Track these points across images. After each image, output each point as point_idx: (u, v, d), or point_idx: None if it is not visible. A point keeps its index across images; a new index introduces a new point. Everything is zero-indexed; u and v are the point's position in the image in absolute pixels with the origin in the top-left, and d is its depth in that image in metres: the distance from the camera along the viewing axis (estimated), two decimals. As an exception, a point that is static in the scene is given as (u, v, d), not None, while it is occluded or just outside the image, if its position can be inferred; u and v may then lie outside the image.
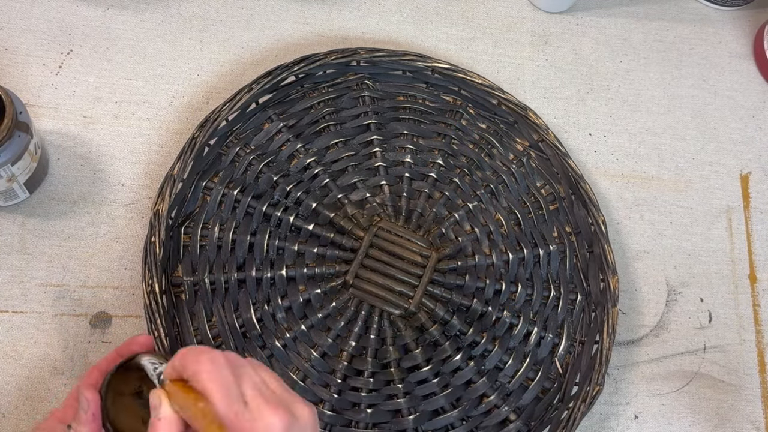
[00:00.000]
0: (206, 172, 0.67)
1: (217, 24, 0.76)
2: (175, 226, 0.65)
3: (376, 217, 0.68)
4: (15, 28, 0.72)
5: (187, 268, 0.64)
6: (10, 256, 0.65)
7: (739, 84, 0.81)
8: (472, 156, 0.72)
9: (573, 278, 0.69)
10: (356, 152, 0.71)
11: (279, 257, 0.66)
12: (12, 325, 0.63)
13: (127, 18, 0.74)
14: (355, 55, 0.71)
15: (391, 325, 0.66)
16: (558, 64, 0.79)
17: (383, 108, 0.73)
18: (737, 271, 0.73)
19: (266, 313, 0.64)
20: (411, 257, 0.67)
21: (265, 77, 0.69)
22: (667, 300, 0.71)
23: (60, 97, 0.70)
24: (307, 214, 0.67)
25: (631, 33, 0.82)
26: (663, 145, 0.77)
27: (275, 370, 0.63)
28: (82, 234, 0.66)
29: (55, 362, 0.62)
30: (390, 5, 0.79)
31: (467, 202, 0.70)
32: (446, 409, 0.64)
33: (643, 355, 0.69)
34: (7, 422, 0.60)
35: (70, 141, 0.69)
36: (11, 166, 0.60)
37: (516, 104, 0.72)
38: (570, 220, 0.71)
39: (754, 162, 0.78)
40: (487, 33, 0.80)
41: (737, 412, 0.68)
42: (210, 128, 0.66)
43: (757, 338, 0.71)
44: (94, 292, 0.64)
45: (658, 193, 0.75)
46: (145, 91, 0.72)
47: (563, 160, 0.71)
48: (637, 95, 0.79)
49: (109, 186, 0.68)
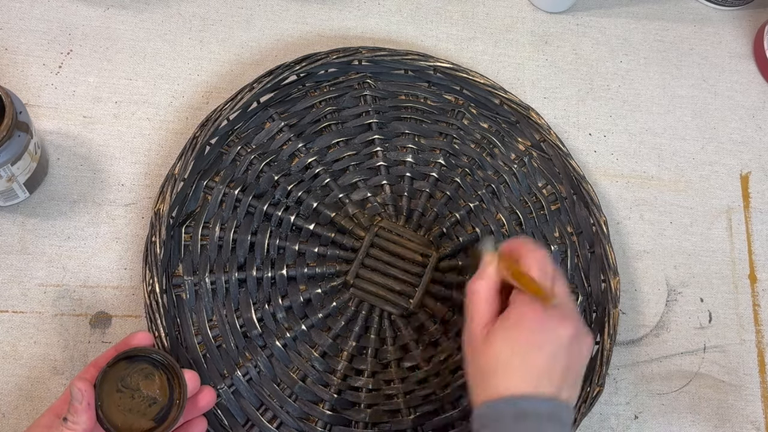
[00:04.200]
0: (207, 171, 0.67)
1: (217, 24, 0.76)
2: (176, 225, 0.65)
3: (377, 217, 0.68)
4: (15, 28, 0.72)
5: (187, 268, 0.64)
6: (10, 256, 0.64)
7: (739, 84, 0.81)
8: (473, 156, 0.72)
9: (574, 278, 0.69)
10: (357, 152, 0.71)
11: (280, 257, 0.66)
12: (12, 325, 0.63)
13: (127, 18, 0.74)
14: (356, 54, 0.71)
15: (391, 325, 0.66)
16: (558, 64, 0.79)
17: (385, 107, 0.73)
18: (737, 271, 0.73)
19: (267, 312, 0.64)
20: (412, 257, 0.67)
21: (267, 76, 0.69)
22: (667, 300, 0.71)
23: (60, 97, 0.70)
24: (308, 214, 0.67)
25: (631, 33, 0.82)
26: (663, 145, 0.77)
27: (275, 369, 0.63)
28: (82, 234, 0.66)
29: (55, 362, 0.62)
30: (390, 5, 0.79)
31: (468, 202, 0.70)
32: (446, 409, 0.64)
33: (643, 355, 0.69)
34: (7, 422, 0.60)
35: (70, 141, 0.69)
36: (11, 166, 0.60)
37: (518, 104, 0.72)
38: (571, 220, 0.71)
39: (754, 162, 0.78)
40: (487, 33, 0.80)
41: (737, 412, 0.68)
42: (211, 127, 0.66)
43: (757, 338, 0.71)
44: (94, 292, 0.64)
45: (658, 193, 0.75)
46: (145, 91, 0.72)
47: (565, 160, 0.71)
48: (637, 95, 0.79)
49: (109, 186, 0.68)
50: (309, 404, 0.62)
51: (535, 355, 0.50)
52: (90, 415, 0.51)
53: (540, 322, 0.51)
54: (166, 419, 0.53)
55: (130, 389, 0.54)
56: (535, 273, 0.53)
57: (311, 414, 0.62)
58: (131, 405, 0.53)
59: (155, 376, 0.54)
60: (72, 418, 0.51)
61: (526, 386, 0.50)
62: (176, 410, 0.54)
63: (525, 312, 0.52)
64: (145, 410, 0.53)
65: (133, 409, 0.53)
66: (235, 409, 0.61)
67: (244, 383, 0.62)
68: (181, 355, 0.61)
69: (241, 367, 0.62)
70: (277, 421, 0.62)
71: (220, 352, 0.63)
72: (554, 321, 0.52)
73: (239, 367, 0.62)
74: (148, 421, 0.53)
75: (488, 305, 0.54)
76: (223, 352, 0.63)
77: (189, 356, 0.62)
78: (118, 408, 0.53)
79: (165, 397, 0.54)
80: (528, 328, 0.51)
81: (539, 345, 0.51)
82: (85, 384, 0.51)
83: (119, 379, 0.54)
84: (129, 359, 0.54)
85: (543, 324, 0.51)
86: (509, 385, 0.50)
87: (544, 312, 0.52)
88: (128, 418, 0.53)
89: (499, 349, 0.51)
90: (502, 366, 0.51)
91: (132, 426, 0.53)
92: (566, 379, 0.51)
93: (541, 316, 0.51)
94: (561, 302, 0.53)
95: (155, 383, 0.54)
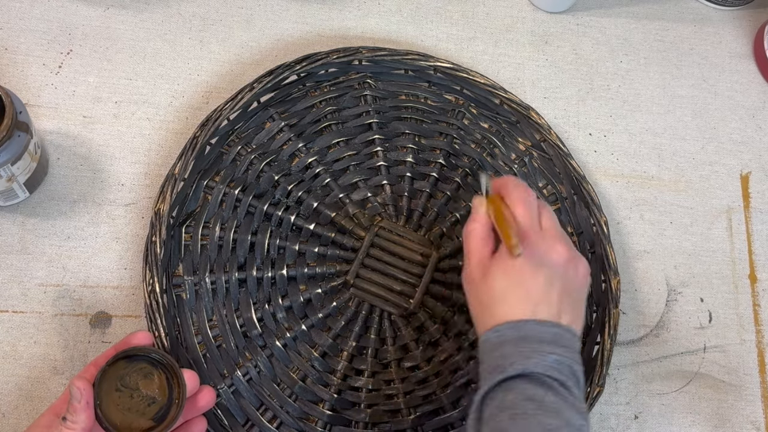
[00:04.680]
0: (207, 171, 0.67)
1: (217, 24, 0.76)
2: (176, 225, 0.65)
3: (377, 217, 0.68)
4: (15, 28, 0.72)
5: (188, 268, 0.64)
6: (10, 256, 0.64)
7: (739, 84, 0.81)
8: (474, 156, 0.72)
9: (574, 278, 0.69)
10: (358, 151, 0.71)
11: (280, 257, 0.66)
12: (12, 325, 0.63)
13: (127, 18, 0.74)
14: (357, 54, 0.71)
15: (392, 324, 0.66)
16: (558, 64, 0.79)
17: (385, 107, 0.73)
18: (737, 271, 0.73)
19: (267, 312, 0.64)
20: (412, 257, 0.67)
21: (267, 76, 0.69)
22: (667, 300, 0.71)
23: (60, 97, 0.70)
24: (308, 214, 0.67)
25: (631, 33, 0.82)
26: (663, 145, 0.77)
27: (275, 369, 0.63)
28: (82, 234, 0.66)
29: (55, 362, 0.62)
30: (390, 5, 0.79)
31: (469, 202, 0.70)
32: (446, 409, 0.64)
33: (643, 355, 0.69)
34: (7, 422, 0.60)
35: (70, 141, 0.69)
36: (11, 166, 0.60)
37: (518, 104, 0.72)
38: (572, 220, 0.71)
39: (754, 162, 0.78)
40: (487, 33, 0.80)
41: (737, 412, 0.68)
42: (211, 127, 0.66)
43: (757, 338, 0.71)
44: (94, 292, 0.64)
45: (658, 193, 0.75)
46: (145, 91, 0.72)
47: (565, 160, 0.71)
48: (637, 95, 0.79)
49: (109, 186, 0.68)
50: (309, 404, 0.62)
51: (531, 283, 0.53)
52: (89, 414, 0.51)
53: (532, 252, 0.54)
54: (165, 418, 0.53)
55: (129, 388, 0.54)
56: (519, 209, 0.56)
57: (311, 414, 0.62)
58: (130, 404, 0.53)
59: (154, 375, 0.54)
60: (71, 417, 0.51)
61: (524, 312, 0.53)
62: (175, 409, 0.54)
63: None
64: (144, 409, 0.53)
65: (132, 408, 0.53)
66: (235, 409, 0.61)
67: (244, 383, 0.62)
68: (181, 355, 0.61)
69: (241, 367, 0.62)
70: (277, 421, 0.62)
71: (220, 352, 0.63)
72: (545, 247, 0.55)
73: (239, 367, 0.62)
74: (147, 420, 0.53)
75: (483, 243, 0.57)
76: (223, 352, 0.63)
77: (189, 356, 0.62)
78: (117, 407, 0.53)
79: (164, 396, 0.54)
80: (521, 258, 0.54)
81: (533, 273, 0.53)
82: (84, 383, 0.51)
83: (118, 379, 0.54)
84: (128, 358, 0.54)
85: (535, 252, 0.54)
86: (509, 311, 0.53)
87: (535, 242, 0.55)
88: (127, 417, 0.53)
89: (498, 282, 0.54)
90: (500, 296, 0.54)
91: (131, 425, 0.53)
92: (564, 303, 0.54)
93: (533, 246, 0.55)
94: (548, 233, 0.56)
95: (154, 382, 0.54)
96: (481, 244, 0.57)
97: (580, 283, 0.56)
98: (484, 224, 0.58)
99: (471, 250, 0.57)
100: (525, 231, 0.56)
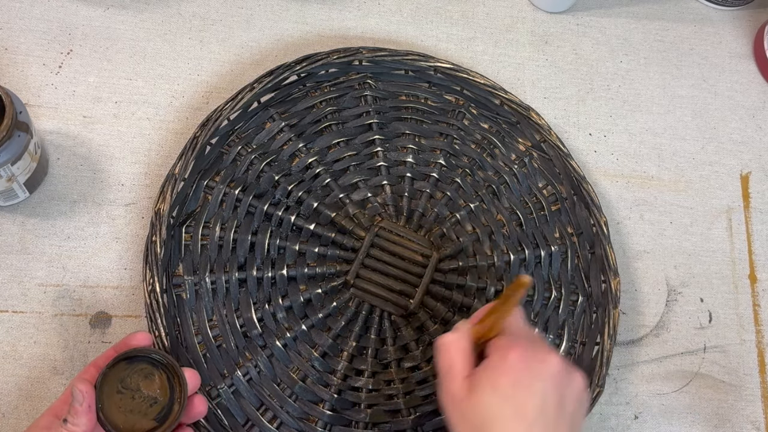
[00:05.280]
0: (208, 171, 0.67)
1: (217, 24, 0.76)
2: (177, 225, 0.65)
3: (377, 217, 0.68)
4: (15, 28, 0.72)
5: (188, 268, 0.64)
6: (10, 256, 0.64)
7: (739, 84, 0.81)
8: (474, 156, 0.72)
9: (574, 279, 0.69)
10: (358, 152, 0.71)
11: (280, 257, 0.66)
12: (12, 325, 0.63)
13: (127, 18, 0.74)
14: (357, 54, 0.71)
15: (392, 325, 0.66)
16: (558, 64, 0.79)
17: (385, 107, 0.73)
18: (737, 271, 0.73)
19: (267, 312, 0.64)
20: (412, 257, 0.67)
21: (267, 76, 0.69)
22: (667, 300, 0.71)
23: (60, 97, 0.70)
24: (308, 214, 0.67)
25: (631, 33, 0.82)
26: (663, 145, 0.77)
27: (275, 369, 0.63)
28: (82, 234, 0.66)
29: (55, 362, 0.62)
30: (390, 5, 0.79)
31: (469, 203, 0.70)
32: (447, 409, 0.64)
33: (643, 355, 0.69)
34: (7, 422, 0.60)
35: (70, 141, 0.69)
36: (11, 166, 0.60)
37: (518, 104, 0.72)
38: (572, 220, 0.71)
39: (754, 162, 0.78)
40: (487, 33, 0.80)
41: (737, 412, 0.68)
42: (212, 127, 0.66)
43: (757, 338, 0.71)
44: (94, 292, 0.64)
45: (658, 193, 0.75)
46: (145, 91, 0.72)
47: (565, 160, 0.71)
48: (637, 95, 0.79)
49: (109, 186, 0.68)
50: (309, 404, 0.62)
51: (525, 397, 0.49)
52: (90, 417, 0.51)
53: (524, 361, 0.50)
54: (168, 418, 0.53)
55: (130, 390, 0.54)
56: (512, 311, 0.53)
57: (311, 414, 0.62)
58: (132, 406, 0.53)
59: (155, 375, 0.54)
60: (72, 419, 0.51)
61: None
62: (177, 409, 0.54)
63: (506, 354, 0.50)
64: (146, 410, 0.53)
65: (134, 409, 0.53)
66: (235, 409, 0.61)
67: (244, 383, 0.62)
68: (181, 355, 0.61)
69: (241, 367, 0.62)
70: (277, 421, 0.62)
71: (220, 352, 0.63)
72: (538, 358, 0.50)
73: (239, 367, 0.62)
74: (149, 421, 0.53)
75: (465, 356, 0.52)
76: (223, 351, 0.63)
77: (189, 356, 0.62)
78: (119, 409, 0.53)
79: (165, 396, 0.54)
80: (512, 368, 0.49)
81: (527, 384, 0.49)
82: (86, 385, 0.51)
83: (119, 380, 0.54)
84: (128, 360, 0.54)
85: (527, 362, 0.50)
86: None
87: (525, 351, 0.50)
88: (129, 418, 0.53)
89: (488, 399, 0.49)
90: (490, 416, 0.49)
91: (134, 426, 0.53)
92: (560, 422, 0.49)
93: (523, 354, 0.50)
94: (538, 344, 0.52)
95: (155, 383, 0.54)
96: (463, 356, 0.52)
97: (576, 395, 0.51)
98: (465, 336, 0.53)
99: (452, 365, 0.52)
100: (517, 335, 0.52)
